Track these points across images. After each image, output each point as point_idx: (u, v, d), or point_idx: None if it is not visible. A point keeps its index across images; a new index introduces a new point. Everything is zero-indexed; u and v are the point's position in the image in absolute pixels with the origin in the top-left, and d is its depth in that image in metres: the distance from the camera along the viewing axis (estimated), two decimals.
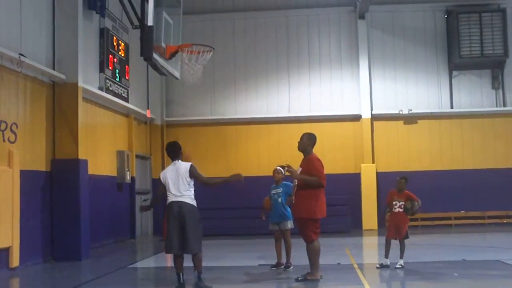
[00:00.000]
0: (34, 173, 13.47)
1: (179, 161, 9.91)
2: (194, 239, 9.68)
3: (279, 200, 11.96)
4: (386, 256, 11.73)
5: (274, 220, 12.04)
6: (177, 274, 9.70)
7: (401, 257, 11.70)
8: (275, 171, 12.14)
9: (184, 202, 9.75)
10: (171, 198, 9.75)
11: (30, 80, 13.43)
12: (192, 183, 9.94)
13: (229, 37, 22.97)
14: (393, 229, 11.79)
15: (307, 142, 10.50)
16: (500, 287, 10.02)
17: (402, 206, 11.67)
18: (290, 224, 11.90)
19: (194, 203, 9.89)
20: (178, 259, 9.73)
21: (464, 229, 20.67)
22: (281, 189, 11.98)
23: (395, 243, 11.78)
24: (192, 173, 9.80)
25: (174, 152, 10.00)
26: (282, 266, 11.94)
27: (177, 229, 9.60)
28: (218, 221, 20.39)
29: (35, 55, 13.46)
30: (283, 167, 11.87)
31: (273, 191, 12.11)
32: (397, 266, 11.55)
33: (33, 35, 13.54)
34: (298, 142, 10.54)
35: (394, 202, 11.75)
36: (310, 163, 10.28)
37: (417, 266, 12.12)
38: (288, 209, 11.74)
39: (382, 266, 11.69)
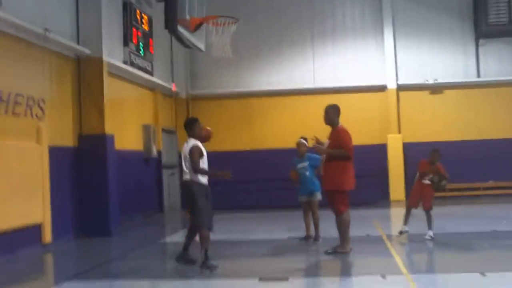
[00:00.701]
0: (62, 149, 13.53)
1: (190, 138, 9.65)
2: (192, 216, 9.55)
3: (307, 173, 11.89)
4: (405, 223, 11.72)
5: (304, 193, 12.00)
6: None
7: (430, 228, 11.62)
8: (299, 143, 12.06)
9: (184, 180, 9.57)
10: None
11: (55, 55, 13.43)
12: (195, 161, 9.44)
13: (252, 9, 22.75)
14: (416, 198, 11.69)
15: (332, 115, 10.42)
16: None
17: (428, 179, 11.60)
18: (318, 196, 11.87)
19: (196, 179, 9.42)
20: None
21: (493, 199, 20.50)
22: (307, 162, 11.90)
23: (415, 212, 11.73)
24: (190, 154, 9.45)
25: (185, 129, 9.85)
26: (311, 239, 11.94)
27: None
28: (244, 194, 20.46)
29: (60, 30, 13.42)
30: (305, 139, 11.88)
31: (299, 165, 12.00)
32: (427, 237, 11.49)
33: (57, 10, 13.51)
34: (324, 116, 10.45)
35: (426, 172, 11.66)
36: (338, 135, 10.22)
37: (446, 237, 12.06)
38: (317, 181, 11.69)
39: (401, 233, 11.66)
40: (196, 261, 9.64)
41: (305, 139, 12.03)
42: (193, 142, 9.54)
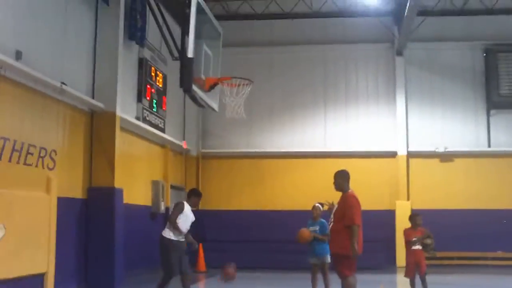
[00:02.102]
0: (71, 200, 13.59)
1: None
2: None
3: (317, 231, 12.15)
4: None
5: (314, 254, 12.15)
6: None
7: None
8: (314, 208, 12.31)
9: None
10: None
11: (70, 108, 13.62)
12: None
13: (266, 70, 23.07)
14: (413, 267, 11.61)
15: (340, 181, 10.40)
16: None
17: (420, 243, 11.54)
18: (329, 259, 11.91)
19: (166, 235, 11.22)
20: None
21: (502, 270, 20.23)
22: (318, 227, 12.15)
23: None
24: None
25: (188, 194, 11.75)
26: None
27: None
28: (254, 254, 20.40)
29: (76, 83, 13.65)
30: (322, 204, 11.94)
31: (311, 228, 12.20)
32: None
33: (74, 64, 13.78)
34: (333, 183, 10.50)
35: (413, 239, 11.62)
36: (345, 201, 10.17)
37: None
38: (327, 245, 11.73)
39: None
40: None
41: (321, 204, 12.17)
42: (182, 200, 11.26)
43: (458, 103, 22.59)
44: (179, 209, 11.12)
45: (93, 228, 14.17)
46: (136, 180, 17.54)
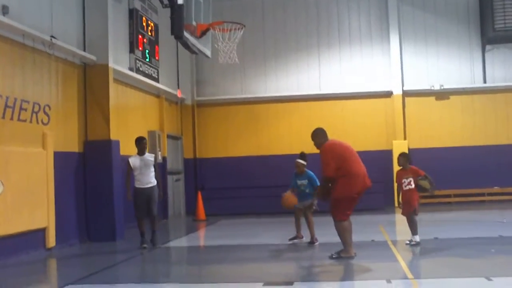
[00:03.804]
0: (67, 154, 13.59)
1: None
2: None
3: (307, 191, 12.32)
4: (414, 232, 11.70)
5: (299, 200, 12.37)
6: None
7: (415, 233, 11.56)
8: (297, 164, 12.38)
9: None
10: None
11: (62, 62, 13.50)
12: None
13: (258, 15, 22.83)
14: (407, 206, 11.64)
15: (317, 139, 10.53)
16: None
17: (411, 183, 11.53)
18: (312, 202, 12.25)
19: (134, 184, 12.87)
20: None
21: (499, 205, 20.46)
22: (306, 180, 12.29)
23: (419, 218, 11.76)
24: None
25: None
26: (302, 239, 12.43)
27: None
28: (251, 200, 20.60)
29: (66, 37, 13.52)
30: (303, 154, 12.38)
31: (299, 182, 12.36)
32: (410, 242, 11.52)
33: (63, 17, 13.60)
34: (314, 144, 10.58)
35: (403, 181, 11.63)
36: (321, 156, 10.27)
37: (452, 242, 12.04)
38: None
39: (411, 243, 11.60)
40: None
41: (303, 155, 12.34)
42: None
43: (452, 39, 22.44)
44: (128, 168, 12.90)
45: (91, 182, 14.23)
46: (132, 131, 17.43)
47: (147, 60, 18.30)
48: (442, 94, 22.29)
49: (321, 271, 9.86)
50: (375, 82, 22.42)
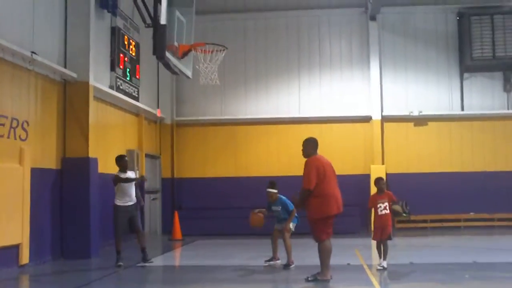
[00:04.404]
0: (44, 171, 13.50)
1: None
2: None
3: (282, 216, 12.41)
4: (381, 256, 11.79)
5: (277, 221, 12.57)
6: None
7: (385, 259, 11.69)
8: (268, 194, 12.49)
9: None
10: None
11: (42, 78, 13.47)
12: (116, 188, 13.01)
13: (240, 37, 22.96)
14: (379, 231, 11.71)
15: (306, 148, 10.61)
16: None
17: (387, 207, 11.64)
18: (291, 225, 12.27)
19: (114, 202, 13.01)
20: None
21: (474, 231, 20.58)
22: (280, 206, 12.39)
23: (395, 243, 11.82)
24: (113, 182, 13.00)
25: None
26: (278, 261, 12.46)
27: None
28: (227, 221, 20.55)
29: (47, 53, 13.50)
30: (272, 182, 12.55)
31: (274, 208, 12.51)
32: (379, 267, 11.60)
33: (45, 33, 13.59)
34: (302, 150, 10.65)
35: (378, 205, 11.71)
36: (305, 168, 10.34)
37: (427, 267, 12.10)
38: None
39: (384, 268, 11.67)
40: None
41: (273, 183, 12.50)
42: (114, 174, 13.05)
43: (431, 67, 22.70)
44: (114, 181, 12.94)
45: (68, 199, 14.14)
46: (111, 149, 17.42)
47: (128, 78, 18.31)
48: (420, 120, 22.48)
49: None
50: (354, 107, 22.57)
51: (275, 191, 12.41)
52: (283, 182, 13.05)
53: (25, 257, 12.24)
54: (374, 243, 12.16)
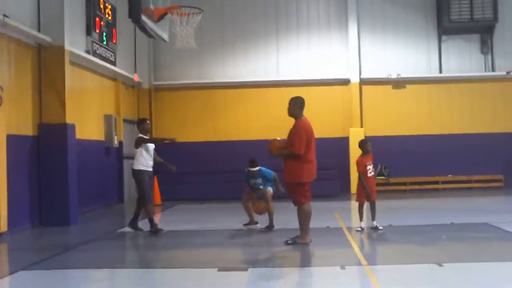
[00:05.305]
0: (20, 137, 13.33)
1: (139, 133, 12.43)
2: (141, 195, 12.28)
3: (261, 187, 12.51)
4: (362, 219, 11.87)
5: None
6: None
7: (374, 219, 11.88)
8: (251, 172, 12.48)
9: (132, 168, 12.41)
10: None
11: (15, 42, 13.21)
12: (138, 151, 12.21)
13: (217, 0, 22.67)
14: (367, 193, 11.74)
15: (293, 107, 10.45)
16: (488, 248, 10.07)
17: (372, 169, 11.73)
18: (270, 189, 12.43)
19: (137, 167, 12.23)
20: None
21: (452, 193, 20.80)
22: (260, 179, 12.49)
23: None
24: (135, 144, 12.21)
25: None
26: (257, 225, 12.63)
27: None
28: (207, 185, 20.57)
29: (20, 16, 13.21)
30: (253, 160, 12.42)
31: (252, 182, 12.57)
32: (358, 229, 11.78)
33: None
34: (287, 108, 10.52)
35: (368, 167, 11.76)
36: (293, 129, 10.24)
37: (405, 229, 12.22)
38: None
39: (362, 230, 11.76)
40: (142, 230, 12.38)
41: (254, 162, 12.43)
42: (138, 135, 12.34)
43: (410, 29, 22.66)
44: (139, 142, 12.17)
45: (45, 166, 14.00)
46: (88, 115, 17.30)
47: (104, 43, 18.06)
48: (398, 83, 22.50)
49: (276, 257, 9.89)
50: (332, 69, 22.52)
51: (256, 169, 12.38)
52: (262, 146, 12.97)
53: (3, 225, 12.11)
54: (355, 205, 12.22)
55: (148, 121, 12.84)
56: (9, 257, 10.90)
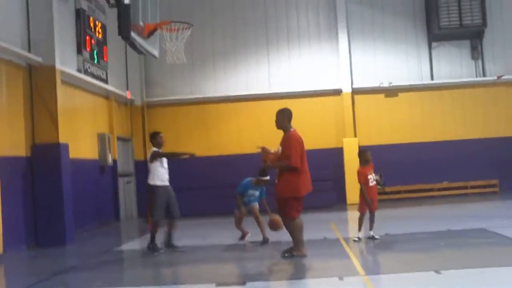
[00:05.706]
0: (13, 159, 13.29)
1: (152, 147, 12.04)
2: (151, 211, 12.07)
3: (251, 198, 12.57)
4: (360, 229, 11.84)
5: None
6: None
7: (372, 229, 11.88)
8: (264, 182, 12.45)
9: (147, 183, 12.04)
10: None
11: (5, 63, 13.19)
12: (153, 166, 11.87)
13: (207, 14, 22.66)
14: (369, 203, 11.72)
15: (282, 119, 10.43)
16: (486, 254, 10.06)
17: (373, 179, 11.75)
18: (256, 204, 12.60)
19: (152, 182, 11.90)
20: None
21: (448, 199, 20.78)
22: (258, 192, 12.56)
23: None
24: (151, 158, 11.85)
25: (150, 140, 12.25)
26: (248, 233, 12.83)
27: None
28: (201, 200, 20.48)
29: (10, 37, 13.20)
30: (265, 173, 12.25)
31: (251, 192, 12.55)
32: (355, 239, 11.78)
33: (6, 16, 13.27)
34: (275, 121, 10.51)
35: (369, 177, 11.77)
36: (285, 141, 10.19)
37: (403, 237, 12.20)
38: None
39: (360, 240, 11.76)
40: (178, 246, 12.22)
41: (263, 169, 12.16)
42: (153, 149, 11.91)
43: (400, 37, 22.71)
44: (154, 156, 11.86)
45: (39, 186, 13.93)
46: (81, 134, 17.26)
47: (95, 61, 18.04)
48: (391, 91, 22.54)
49: (273, 270, 9.87)
50: (324, 80, 22.52)
51: (267, 178, 12.32)
52: (255, 160, 12.95)
53: None
54: (351, 215, 12.20)
55: (161, 135, 12.22)
56: (5, 279, 10.82)
